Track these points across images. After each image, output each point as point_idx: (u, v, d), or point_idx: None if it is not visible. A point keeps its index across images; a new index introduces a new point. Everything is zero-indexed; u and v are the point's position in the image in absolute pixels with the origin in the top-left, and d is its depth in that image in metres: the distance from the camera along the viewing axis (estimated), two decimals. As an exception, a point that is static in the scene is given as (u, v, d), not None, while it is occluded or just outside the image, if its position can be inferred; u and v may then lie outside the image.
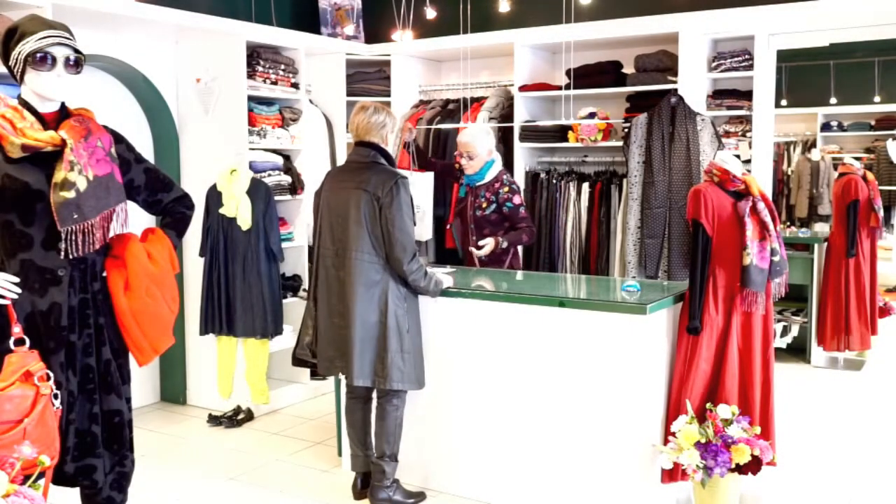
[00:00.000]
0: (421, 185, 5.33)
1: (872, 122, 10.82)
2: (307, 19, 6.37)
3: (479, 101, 6.06)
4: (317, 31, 6.32)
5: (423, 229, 5.37)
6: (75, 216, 2.55)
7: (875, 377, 6.05)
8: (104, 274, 2.71)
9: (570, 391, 3.60)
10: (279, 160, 5.38)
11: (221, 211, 4.89)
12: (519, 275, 4.57)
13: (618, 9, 5.65)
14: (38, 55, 2.51)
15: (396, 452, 3.73)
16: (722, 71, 5.34)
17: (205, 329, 5.00)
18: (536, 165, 5.97)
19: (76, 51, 2.58)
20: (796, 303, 6.48)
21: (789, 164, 10.47)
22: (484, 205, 4.68)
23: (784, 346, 6.38)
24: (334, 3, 6.47)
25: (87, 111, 2.71)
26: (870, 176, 6.48)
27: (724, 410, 3.51)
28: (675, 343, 3.70)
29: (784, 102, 10.18)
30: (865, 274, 6.24)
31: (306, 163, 5.57)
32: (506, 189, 4.65)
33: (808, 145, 10.78)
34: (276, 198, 5.14)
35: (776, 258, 3.60)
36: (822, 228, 9.33)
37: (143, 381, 5.37)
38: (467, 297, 3.83)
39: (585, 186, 5.66)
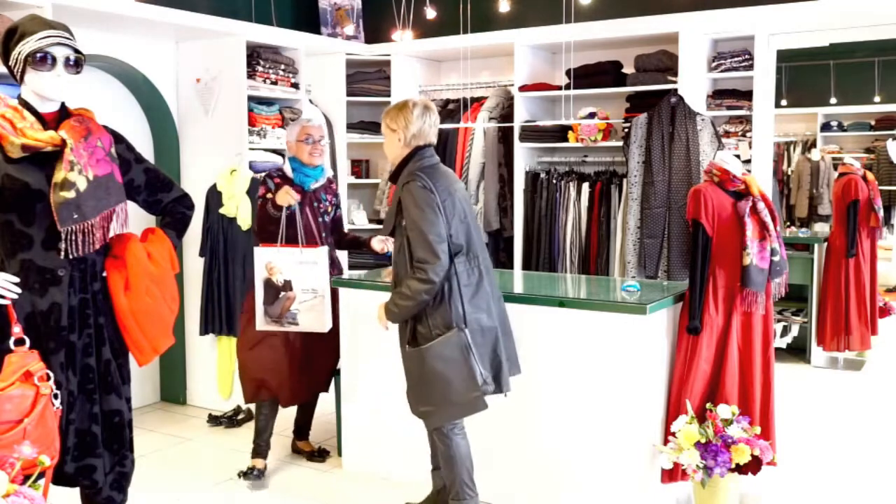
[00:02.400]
0: (320, 264, 3.96)
1: (872, 122, 10.83)
2: (307, 19, 6.37)
3: (479, 101, 6.06)
4: (317, 31, 6.32)
5: (325, 318, 4.01)
6: (75, 216, 2.55)
7: (875, 377, 6.05)
8: (104, 274, 2.71)
9: (570, 391, 3.60)
10: (279, 160, 5.38)
11: (221, 211, 4.90)
12: (519, 275, 4.56)
13: (618, 9, 5.65)
14: (39, 55, 2.52)
15: None
16: (722, 71, 5.34)
17: (205, 329, 5.01)
18: (536, 165, 5.97)
19: (76, 51, 2.59)
20: (796, 303, 6.48)
21: (789, 164, 10.48)
22: (329, 209, 4.21)
23: (784, 346, 6.38)
24: (334, 3, 6.47)
25: (87, 111, 2.71)
26: (870, 176, 6.49)
27: (724, 410, 3.51)
28: (675, 343, 3.70)
29: (784, 102, 10.18)
30: (865, 274, 6.24)
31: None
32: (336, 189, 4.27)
33: (808, 145, 10.78)
34: (276, 198, 5.14)
35: (776, 258, 3.60)
36: (822, 228, 9.34)
37: (143, 381, 5.37)
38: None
39: (585, 186, 5.66)
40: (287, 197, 3.96)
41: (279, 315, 3.99)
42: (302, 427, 4.55)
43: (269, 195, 4.02)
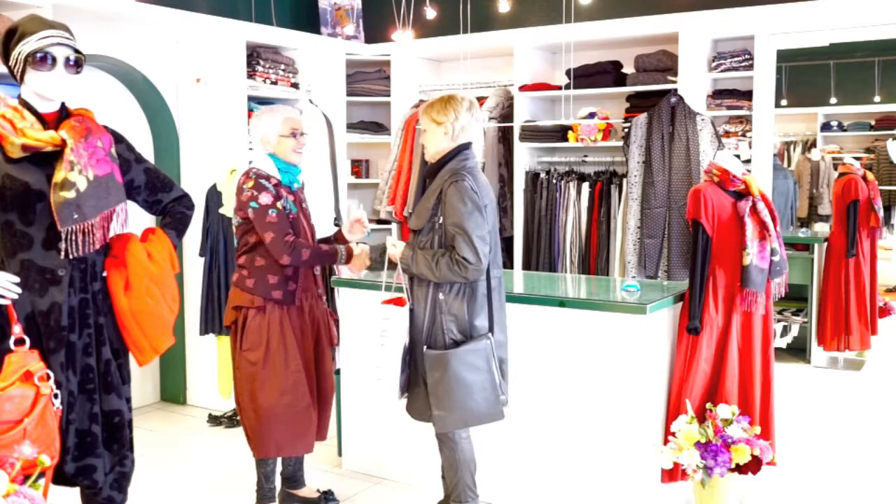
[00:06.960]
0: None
1: (872, 122, 10.82)
2: (307, 19, 6.37)
3: (479, 100, 6.06)
4: (317, 31, 6.32)
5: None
6: (75, 216, 2.55)
7: (875, 377, 6.05)
8: (104, 274, 2.71)
9: (571, 391, 3.60)
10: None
11: (221, 211, 4.89)
12: (519, 275, 4.57)
13: (618, 9, 5.65)
14: (39, 55, 2.52)
15: None
16: (722, 71, 5.35)
17: (205, 329, 5.00)
18: (536, 165, 5.97)
19: (76, 51, 2.59)
20: (796, 303, 6.48)
21: (789, 164, 10.48)
22: (310, 210, 3.71)
23: (784, 346, 6.39)
24: (334, 3, 6.47)
25: (87, 111, 2.71)
26: (870, 176, 6.49)
27: (724, 410, 3.51)
28: (675, 343, 3.70)
29: (784, 102, 10.18)
30: (865, 274, 6.24)
31: (306, 163, 5.55)
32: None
33: (808, 145, 10.78)
34: (276, 198, 5.14)
35: (776, 258, 3.60)
36: (822, 228, 9.34)
37: (143, 381, 5.37)
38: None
39: (585, 186, 5.66)
40: (361, 261, 3.56)
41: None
42: (296, 473, 3.79)
43: (274, 202, 3.45)
